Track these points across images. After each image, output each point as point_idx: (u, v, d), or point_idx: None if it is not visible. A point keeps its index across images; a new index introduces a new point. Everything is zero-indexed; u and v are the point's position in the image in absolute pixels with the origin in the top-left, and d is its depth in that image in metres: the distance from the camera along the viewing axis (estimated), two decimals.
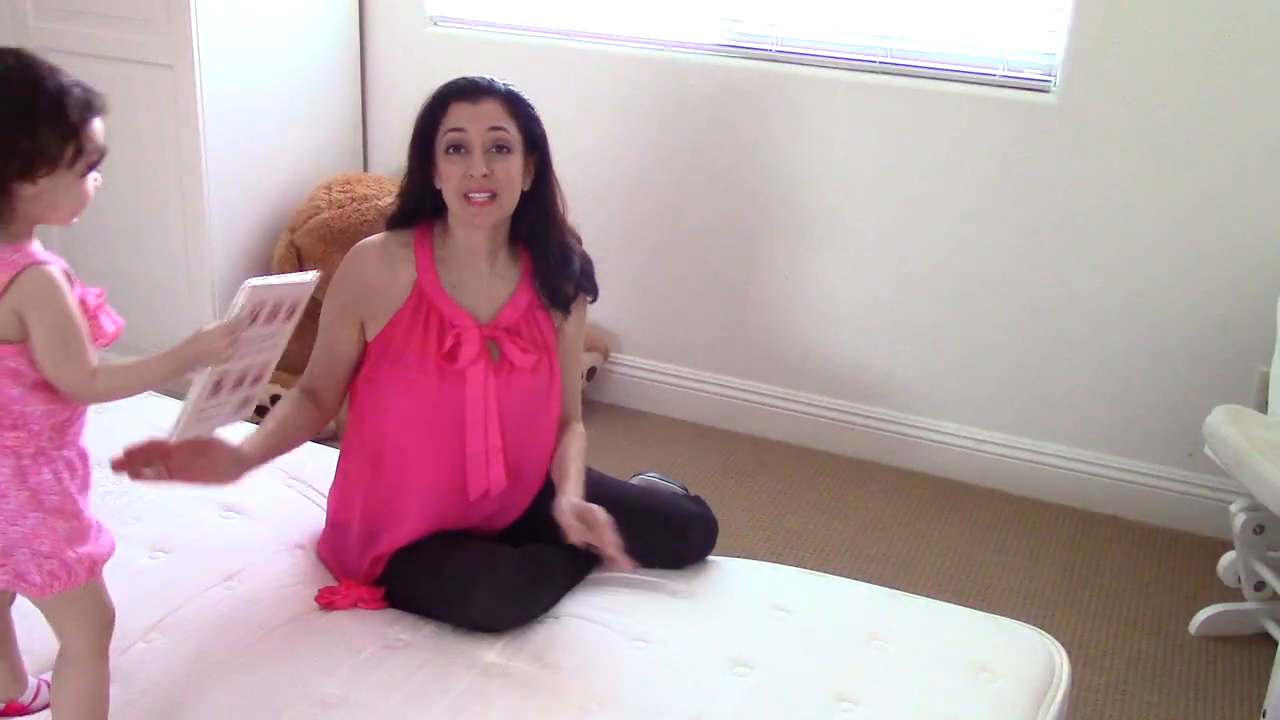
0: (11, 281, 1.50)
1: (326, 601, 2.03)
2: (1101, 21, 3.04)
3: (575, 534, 1.97)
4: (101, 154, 1.57)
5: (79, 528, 1.61)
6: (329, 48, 3.79)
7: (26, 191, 1.51)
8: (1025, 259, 3.27)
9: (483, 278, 2.11)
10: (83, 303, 1.57)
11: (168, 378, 1.62)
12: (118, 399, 1.62)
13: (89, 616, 1.64)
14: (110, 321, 1.60)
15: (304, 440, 2.12)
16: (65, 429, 1.60)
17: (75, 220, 1.60)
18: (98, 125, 1.56)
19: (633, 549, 2.20)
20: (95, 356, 1.56)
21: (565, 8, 3.64)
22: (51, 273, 1.53)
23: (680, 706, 1.84)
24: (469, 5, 3.76)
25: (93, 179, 1.58)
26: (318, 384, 2.12)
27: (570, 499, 2.03)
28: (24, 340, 1.53)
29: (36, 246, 1.56)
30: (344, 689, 1.82)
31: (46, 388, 1.56)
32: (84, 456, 1.64)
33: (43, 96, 1.51)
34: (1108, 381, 3.27)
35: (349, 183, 3.64)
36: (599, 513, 1.97)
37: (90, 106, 1.55)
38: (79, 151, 1.53)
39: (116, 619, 1.68)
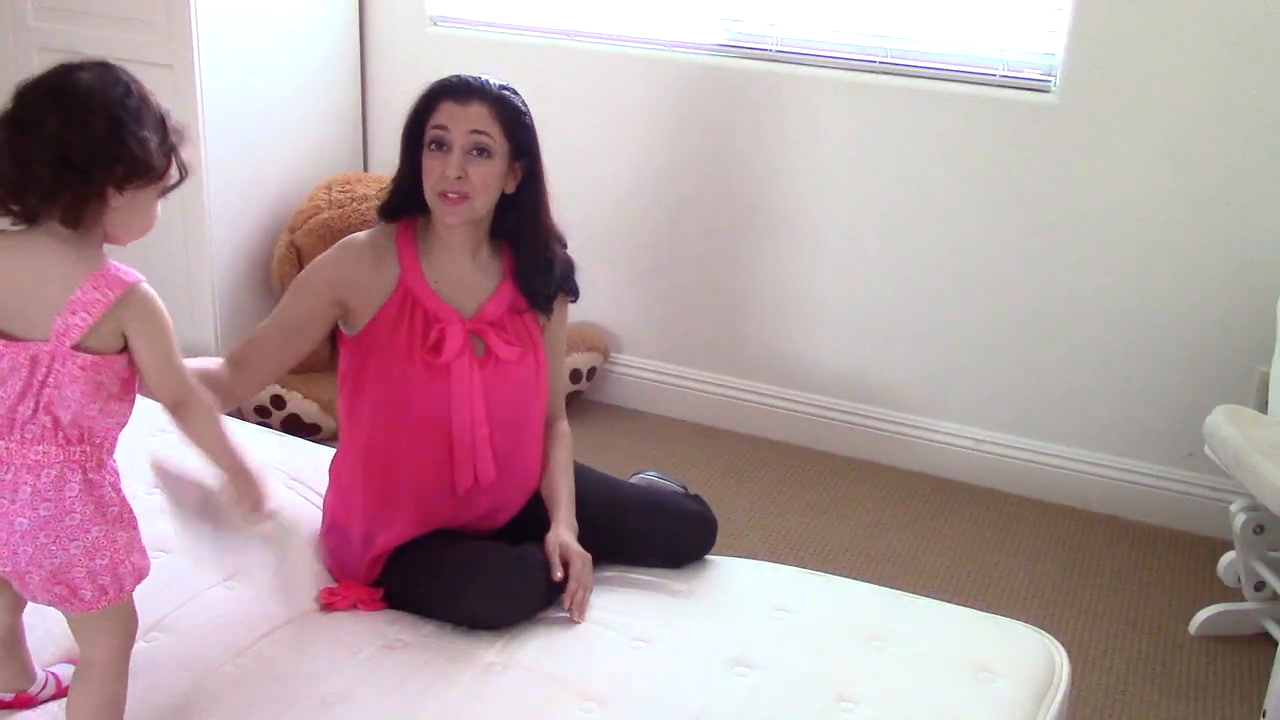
0: (118, 302, 1.52)
1: (326, 602, 2.04)
2: (1101, 21, 3.04)
3: (557, 571, 2.04)
4: (182, 180, 1.60)
5: (135, 537, 1.63)
6: (329, 48, 3.79)
7: (115, 201, 1.53)
8: (1025, 259, 3.27)
9: (466, 273, 2.12)
10: None
11: (225, 456, 1.64)
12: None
13: (119, 628, 1.64)
14: None
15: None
16: (117, 437, 1.62)
17: (132, 243, 1.61)
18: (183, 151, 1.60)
19: (632, 547, 2.22)
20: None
21: (565, 8, 3.64)
22: (153, 294, 1.56)
23: (680, 706, 1.84)
24: (469, 5, 3.76)
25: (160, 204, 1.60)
26: (253, 353, 2.03)
27: (561, 535, 2.09)
28: (118, 353, 1.55)
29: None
30: (344, 689, 1.82)
31: (122, 399, 1.58)
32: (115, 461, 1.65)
33: (150, 110, 1.55)
34: (1108, 381, 3.27)
35: (349, 183, 3.64)
36: (577, 565, 2.05)
37: (181, 132, 1.59)
38: (166, 171, 1.56)
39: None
